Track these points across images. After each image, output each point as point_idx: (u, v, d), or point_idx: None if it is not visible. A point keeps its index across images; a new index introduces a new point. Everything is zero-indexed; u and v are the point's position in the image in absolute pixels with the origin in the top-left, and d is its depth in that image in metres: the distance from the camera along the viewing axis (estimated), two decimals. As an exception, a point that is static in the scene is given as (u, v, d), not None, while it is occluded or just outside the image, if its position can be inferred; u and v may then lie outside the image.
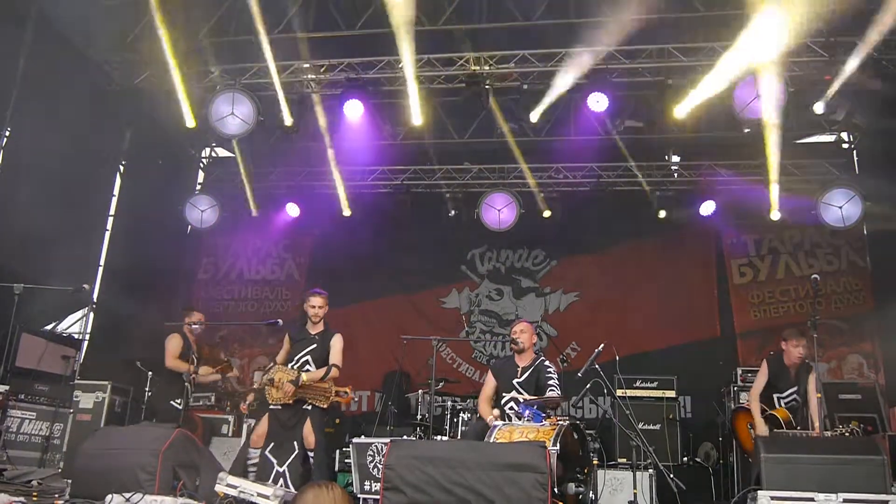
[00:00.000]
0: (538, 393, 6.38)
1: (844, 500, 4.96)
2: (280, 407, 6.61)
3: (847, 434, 6.40)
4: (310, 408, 6.62)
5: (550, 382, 6.38)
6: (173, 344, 7.84)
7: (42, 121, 8.57)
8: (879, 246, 10.70)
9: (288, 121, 9.49)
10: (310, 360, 6.75)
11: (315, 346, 6.81)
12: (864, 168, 10.82)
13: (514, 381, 6.56)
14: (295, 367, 6.70)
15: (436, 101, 9.44)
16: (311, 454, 6.59)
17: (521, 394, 6.46)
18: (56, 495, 5.69)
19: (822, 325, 6.99)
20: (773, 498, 5.05)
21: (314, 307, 6.91)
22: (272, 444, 6.57)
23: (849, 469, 5.11)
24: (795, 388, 6.98)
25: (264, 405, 6.88)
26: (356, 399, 11.58)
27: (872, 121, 9.57)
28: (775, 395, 7.11)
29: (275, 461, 6.49)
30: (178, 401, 7.78)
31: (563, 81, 8.91)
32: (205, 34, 9.41)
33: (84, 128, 9.15)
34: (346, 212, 11.32)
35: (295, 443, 6.55)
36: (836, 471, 5.10)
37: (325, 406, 6.63)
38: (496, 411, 6.43)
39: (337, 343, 6.86)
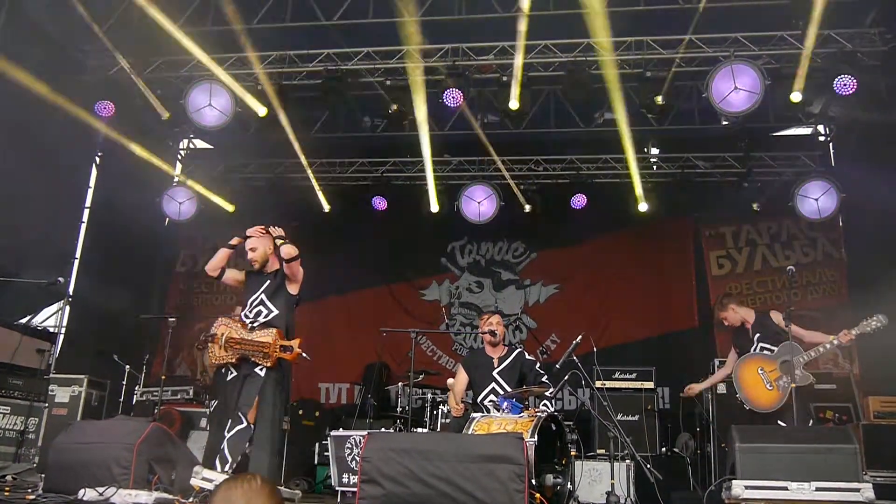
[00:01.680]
0: (522, 384, 6.40)
1: (817, 489, 5.01)
2: (234, 372, 5.75)
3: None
4: (262, 373, 5.64)
5: (544, 380, 6.40)
6: None
7: (15, 110, 8.43)
8: (855, 237, 10.83)
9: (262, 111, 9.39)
10: (264, 298, 5.88)
11: (268, 282, 5.93)
12: (840, 160, 10.92)
13: (494, 373, 6.57)
14: (249, 312, 5.87)
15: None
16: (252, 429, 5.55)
17: (503, 385, 6.46)
18: (29, 489, 5.63)
19: (798, 316, 7.00)
20: (747, 487, 5.10)
21: (249, 250, 6.00)
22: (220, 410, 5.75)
23: (822, 458, 5.15)
24: (759, 335, 6.90)
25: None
26: (335, 390, 11.61)
27: (849, 113, 9.65)
28: None
29: (224, 431, 5.56)
30: None
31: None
32: (182, 23, 9.29)
33: (59, 118, 9.02)
34: (325, 207, 11.29)
35: (240, 413, 5.54)
36: (809, 460, 5.14)
37: (270, 365, 5.60)
38: (461, 405, 6.51)
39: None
